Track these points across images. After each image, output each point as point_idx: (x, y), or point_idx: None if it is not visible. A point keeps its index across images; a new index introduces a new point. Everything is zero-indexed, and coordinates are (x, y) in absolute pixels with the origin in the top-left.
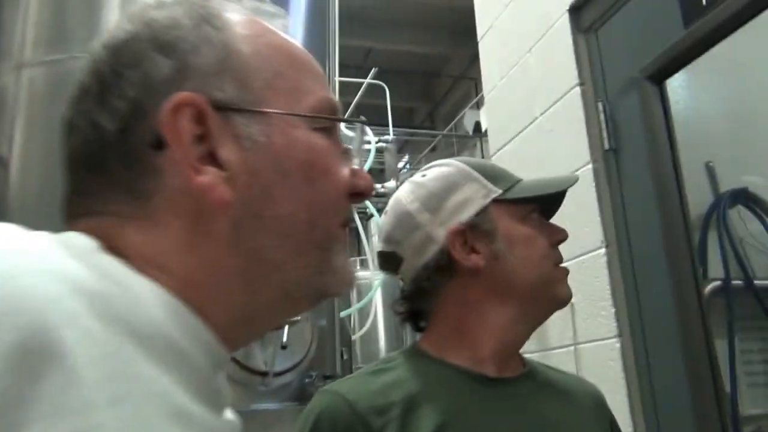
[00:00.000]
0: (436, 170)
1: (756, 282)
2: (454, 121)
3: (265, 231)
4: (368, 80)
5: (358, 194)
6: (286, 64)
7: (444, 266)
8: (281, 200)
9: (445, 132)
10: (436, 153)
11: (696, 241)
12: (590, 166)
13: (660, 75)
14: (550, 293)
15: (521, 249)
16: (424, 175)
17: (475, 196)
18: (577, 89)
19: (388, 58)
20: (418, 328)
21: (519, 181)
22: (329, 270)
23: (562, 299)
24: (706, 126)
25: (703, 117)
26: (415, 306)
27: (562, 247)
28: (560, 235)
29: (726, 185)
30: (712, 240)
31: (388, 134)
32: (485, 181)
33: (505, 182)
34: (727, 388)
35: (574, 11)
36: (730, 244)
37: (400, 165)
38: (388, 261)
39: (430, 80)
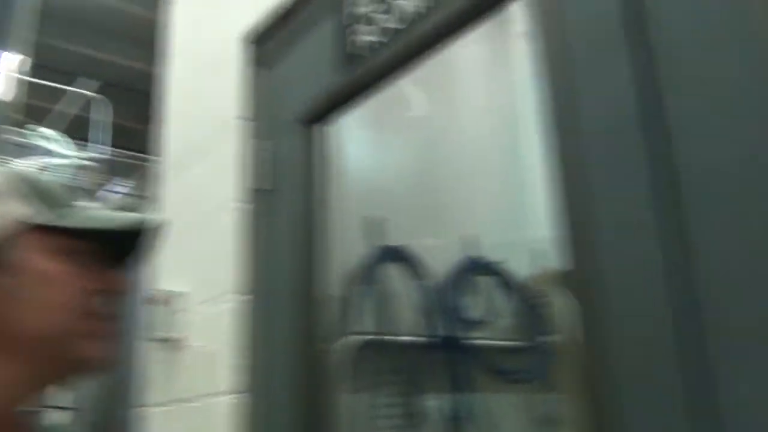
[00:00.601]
0: None
1: (399, 337)
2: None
3: None
4: (73, 89)
5: None
6: None
7: None
8: None
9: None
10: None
11: (342, 295)
12: (240, 205)
13: (312, 119)
14: (69, 351)
15: (42, 290)
16: None
17: (7, 215)
18: (240, 123)
19: (116, 72)
20: None
21: (77, 208)
22: None
23: (84, 361)
24: (382, 181)
25: (379, 172)
26: None
27: (197, 287)
28: (104, 284)
29: (393, 241)
30: (361, 295)
31: (94, 152)
32: (30, 201)
33: (60, 207)
34: None
35: (249, 43)
36: (378, 300)
37: (120, 188)
38: None
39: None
